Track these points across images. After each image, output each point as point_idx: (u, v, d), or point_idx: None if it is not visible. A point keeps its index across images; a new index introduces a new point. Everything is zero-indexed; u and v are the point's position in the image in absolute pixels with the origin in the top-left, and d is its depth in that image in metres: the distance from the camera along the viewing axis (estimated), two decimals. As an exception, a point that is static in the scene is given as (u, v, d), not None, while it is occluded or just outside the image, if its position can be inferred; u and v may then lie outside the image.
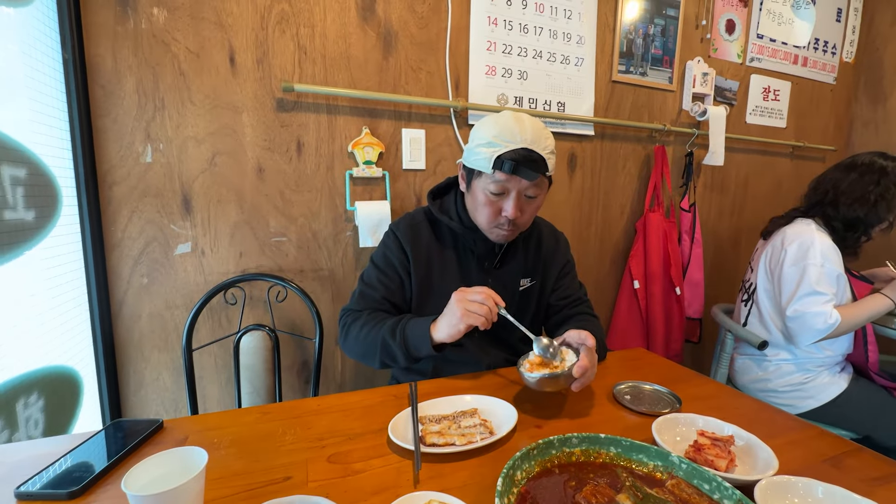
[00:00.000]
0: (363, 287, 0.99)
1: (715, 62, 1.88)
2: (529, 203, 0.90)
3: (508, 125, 0.84)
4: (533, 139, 0.83)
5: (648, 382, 0.84)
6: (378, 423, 0.69)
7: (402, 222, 1.02)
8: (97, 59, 1.08)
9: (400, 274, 0.98)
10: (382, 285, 0.97)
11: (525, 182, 0.85)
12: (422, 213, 1.03)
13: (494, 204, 0.88)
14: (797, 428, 0.71)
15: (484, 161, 0.85)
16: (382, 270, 0.98)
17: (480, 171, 0.87)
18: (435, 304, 0.97)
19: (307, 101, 1.27)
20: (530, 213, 0.92)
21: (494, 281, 0.99)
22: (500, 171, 0.83)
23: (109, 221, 1.14)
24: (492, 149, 0.84)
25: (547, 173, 0.86)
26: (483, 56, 1.46)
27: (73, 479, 0.55)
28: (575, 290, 1.09)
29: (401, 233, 0.99)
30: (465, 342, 0.98)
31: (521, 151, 0.82)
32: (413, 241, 0.98)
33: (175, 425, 0.70)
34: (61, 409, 0.98)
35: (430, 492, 0.52)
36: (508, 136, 0.83)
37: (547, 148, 0.85)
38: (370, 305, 0.96)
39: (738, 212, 2.11)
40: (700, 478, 0.52)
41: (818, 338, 1.26)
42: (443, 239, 1.00)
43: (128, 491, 0.43)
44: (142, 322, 1.20)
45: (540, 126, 0.86)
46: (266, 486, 0.55)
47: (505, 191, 0.87)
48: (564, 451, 0.59)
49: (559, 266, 1.07)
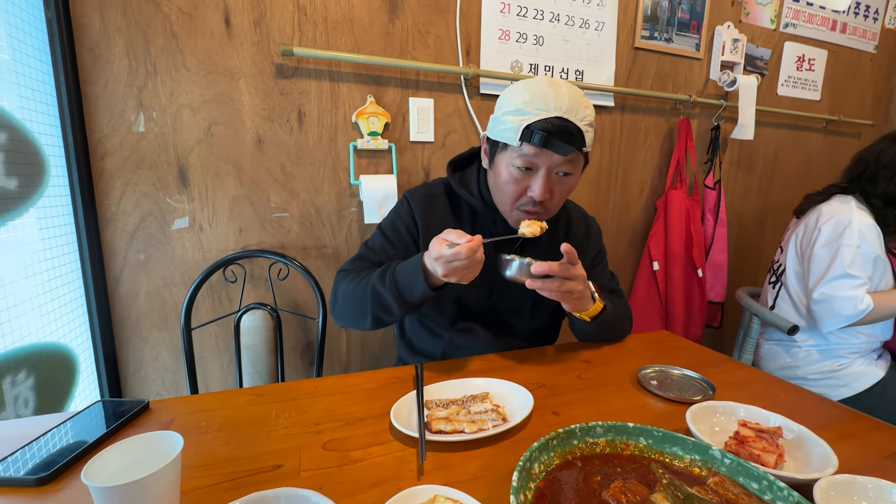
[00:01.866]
0: (364, 250, 0.91)
1: (746, 28, 1.74)
2: (561, 183, 0.79)
3: (542, 90, 0.73)
4: (570, 107, 0.72)
5: (676, 367, 0.77)
6: (380, 408, 0.64)
7: (419, 192, 0.93)
8: (83, 20, 1.01)
9: (406, 242, 0.90)
10: (384, 252, 0.89)
11: (557, 157, 0.74)
12: (440, 185, 0.94)
13: (520, 182, 0.78)
14: (848, 419, 0.63)
15: (511, 132, 0.75)
16: (388, 237, 0.90)
17: (506, 144, 0.77)
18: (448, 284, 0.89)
19: (308, 66, 1.19)
20: (561, 196, 0.81)
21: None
22: (528, 144, 0.73)
23: (102, 194, 1.09)
24: (521, 117, 0.73)
25: (584, 149, 0.76)
26: (496, 19, 1.36)
27: (44, 465, 0.50)
28: (606, 281, 0.99)
29: (415, 203, 0.91)
30: (475, 327, 0.92)
31: (555, 121, 0.72)
32: (426, 213, 0.90)
33: (162, 406, 0.64)
34: (55, 388, 0.94)
35: (435, 486, 0.46)
36: (541, 102, 0.73)
37: (585, 119, 0.74)
38: (363, 266, 0.87)
39: (765, 190, 1.99)
40: (747, 475, 0.45)
41: (844, 324, 1.17)
42: (460, 215, 0.92)
43: (88, 483, 0.37)
44: (140, 300, 1.16)
45: (579, 93, 0.75)
46: (253, 474, 0.50)
47: (533, 167, 0.76)
48: (588, 441, 0.52)
49: (590, 257, 0.97)
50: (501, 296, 0.91)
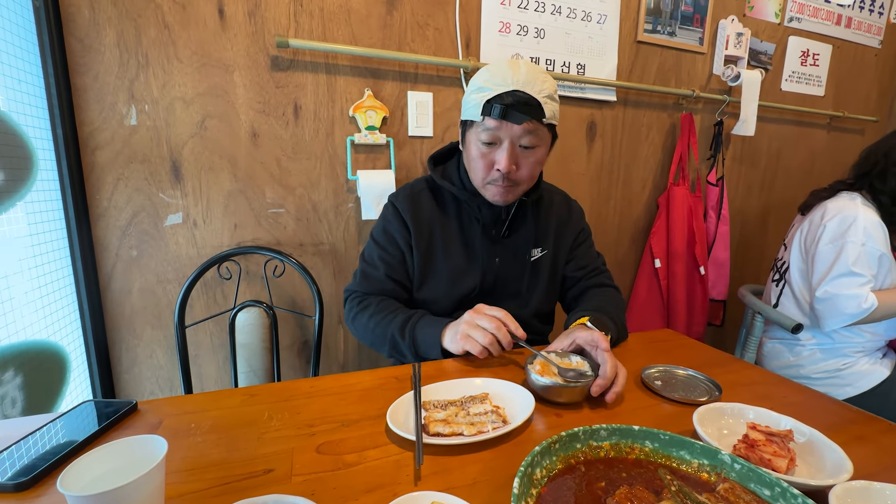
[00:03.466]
0: (364, 266, 0.94)
1: (750, 21, 1.71)
2: (526, 155, 0.81)
3: (501, 69, 0.77)
4: (526, 81, 0.76)
5: (681, 367, 0.75)
6: (376, 409, 0.61)
7: (402, 192, 0.95)
8: (72, 9, 0.99)
9: (401, 248, 0.92)
10: (384, 262, 0.91)
11: (518, 128, 0.77)
12: (422, 182, 0.96)
13: (487, 156, 0.81)
14: (861, 421, 0.61)
15: (474, 108, 0.79)
16: (382, 246, 0.92)
17: (472, 122, 0.81)
18: (439, 277, 0.92)
19: (304, 59, 1.17)
20: (529, 168, 0.83)
21: (503, 251, 0.92)
22: (489, 118, 0.77)
23: (94, 189, 1.06)
24: (481, 94, 0.78)
25: (543, 119, 0.78)
26: (496, 11, 1.33)
27: (24, 469, 0.47)
28: (592, 259, 1.01)
29: (400, 204, 0.92)
30: None
31: (511, 94, 0.75)
32: (413, 212, 0.91)
33: (150, 407, 0.62)
34: (45, 388, 0.92)
35: (432, 492, 0.44)
36: (500, 79, 0.76)
37: (543, 91, 0.76)
38: (374, 287, 0.91)
39: (767, 187, 1.97)
40: (759, 481, 0.43)
41: (847, 322, 1.15)
42: (446, 208, 0.93)
43: (65, 491, 0.35)
44: (133, 297, 1.14)
45: (537, 70, 0.78)
46: (243, 479, 0.48)
47: (496, 140, 0.79)
48: (591, 444, 0.50)
49: (573, 235, 1.00)
50: (494, 284, 0.93)
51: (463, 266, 0.91)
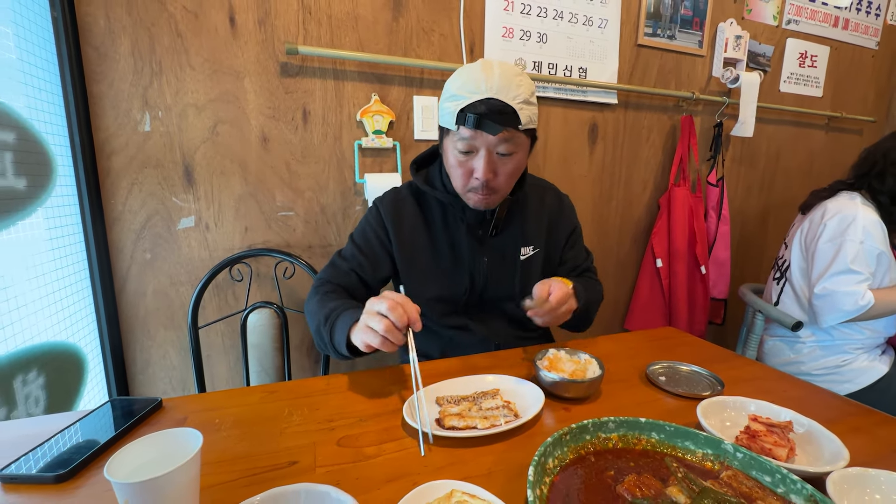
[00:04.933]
0: (335, 258, 0.91)
1: (749, 24, 1.74)
2: (504, 162, 0.79)
3: (473, 74, 0.75)
4: (500, 87, 0.73)
5: (684, 363, 0.78)
6: (391, 405, 0.64)
7: (387, 196, 0.94)
8: (89, 19, 1.01)
9: (376, 251, 0.90)
10: (354, 258, 0.90)
11: (493, 138, 0.75)
12: (406, 188, 0.95)
13: (465, 164, 0.79)
14: (858, 413, 0.64)
15: (449, 116, 0.76)
16: (357, 244, 0.91)
17: (449, 129, 0.79)
18: (427, 280, 0.91)
19: (312, 65, 1.19)
20: (507, 175, 0.81)
21: (491, 251, 0.91)
22: (464, 127, 0.75)
23: (109, 194, 1.09)
24: (455, 102, 0.75)
25: (519, 126, 0.76)
26: (500, 17, 1.36)
27: (61, 462, 0.50)
28: (582, 260, 1.02)
29: (384, 208, 0.91)
30: (468, 323, 0.93)
31: (486, 102, 0.73)
32: (395, 218, 0.90)
33: (175, 405, 0.65)
34: (65, 387, 0.94)
35: (451, 480, 0.46)
36: (472, 86, 0.74)
37: (518, 97, 0.74)
38: (335, 276, 0.88)
39: (767, 187, 1.99)
40: (760, 469, 0.46)
41: (844, 319, 1.18)
42: (430, 212, 0.92)
43: (111, 478, 0.37)
44: (147, 299, 1.16)
45: (512, 73, 0.75)
46: (270, 471, 0.50)
47: (473, 149, 0.78)
48: (600, 436, 0.53)
49: (566, 233, 0.99)
50: (485, 285, 0.91)
51: (450, 268, 0.91)
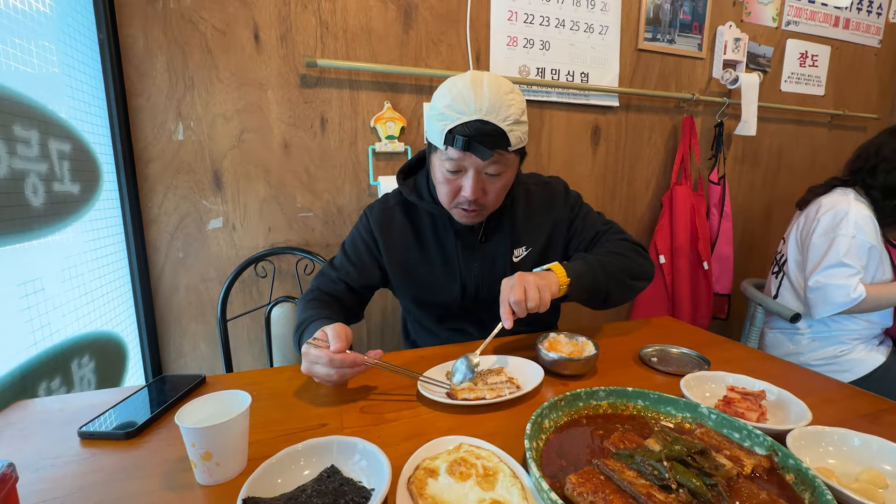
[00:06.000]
0: (326, 267, 0.93)
1: (748, 27, 1.79)
2: (493, 181, 0.78)
3: (462, 93, 0.72)
4: (490, 108, 0.71)
5: (676, 346, 0.84)
6: (408, 381, 0.72)
7: (377, 205, 0.94)
8: (130, 40, 1.12)
9: (364, 260, 0.91)
10: (343, 269, 0.91)
11: (482, 161, 0.74)
12: (394, 196, 0.94)
13: (452, 182, 0.78)
14: (833, 388, 0.70)
15: (437, 134, 0.74)
16: (348, 255, 0.92)
17: (436, 146, 0.77)
18: (419, 288, 0.92)
19: (330, 76, 1.28)
20: (496, 192, 0.80)
21: (482, 257, 0.90)
22: (452, 148, 0.73)
23: (146, 197, 1.19)
24: (443, 122, 0.73)
25: (509, 148, 0.74)
26: (504, 26, 1.44)
27: (128, 423, 0.59)
28: (593, 226, 0.94)
29: (373, 217, 0.91)
30: (465, 326, 0.96)
31: (475, 125, 0.71)
32: (384, 227, 0.90)
33: (216, 380, 0.74)
34: (110, 371, 1.04)
35: (460, 436, 0.53)
36: (461, 105, 0.71)
37: (509, 118, 0.72)
38: (324, 284, 0.90)
39: (769, 185, 2.03)
40: (730, 427, 0.52)
41: (836, 311, 1.22)
42: (418, 221, 0.91)
43: (181, 424, 0.46)
44: (179, 294, 1.26)
45: (503, 91, 0.72)
46: (304, 431, 0.58)
47: (461, 169, 0.76)
48: (591, 403, 0.60)
49: (565, 218, 0.94)
50: (478, 291, 0.91)
51: (441, 276, 0.90)
